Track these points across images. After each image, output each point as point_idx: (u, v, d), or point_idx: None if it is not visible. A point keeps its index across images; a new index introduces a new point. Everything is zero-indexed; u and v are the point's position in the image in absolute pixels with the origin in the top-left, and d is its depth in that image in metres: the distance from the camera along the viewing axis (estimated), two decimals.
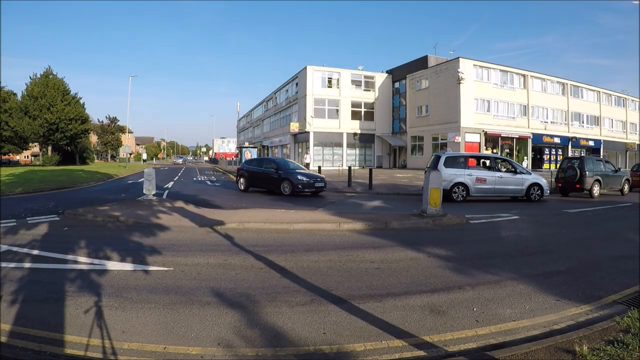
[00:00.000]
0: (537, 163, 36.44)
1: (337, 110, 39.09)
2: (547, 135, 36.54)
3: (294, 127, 39.70)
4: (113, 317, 3.70)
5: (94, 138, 69.04)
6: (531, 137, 35.45)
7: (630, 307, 3.89)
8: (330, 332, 3.44)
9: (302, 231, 7.86)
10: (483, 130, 32.84)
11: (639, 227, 8.71)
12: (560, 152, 37.99)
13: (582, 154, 35.78)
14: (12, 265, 5.30)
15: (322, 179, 14.85)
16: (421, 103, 36.78)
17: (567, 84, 39.14)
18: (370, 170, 17.46)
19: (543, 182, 13.69)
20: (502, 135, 34.18)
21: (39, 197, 13.75)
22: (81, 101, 47.41)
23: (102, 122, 71.15)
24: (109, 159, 78.20)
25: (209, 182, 22.60)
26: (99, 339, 3.26)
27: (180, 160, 77.97)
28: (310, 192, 14.38)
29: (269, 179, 14.99)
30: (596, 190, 15.25)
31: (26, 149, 52.13)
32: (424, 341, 3.30)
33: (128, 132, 57.11)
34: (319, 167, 23.15)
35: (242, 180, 16.07)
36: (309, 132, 37.55)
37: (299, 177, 14.21)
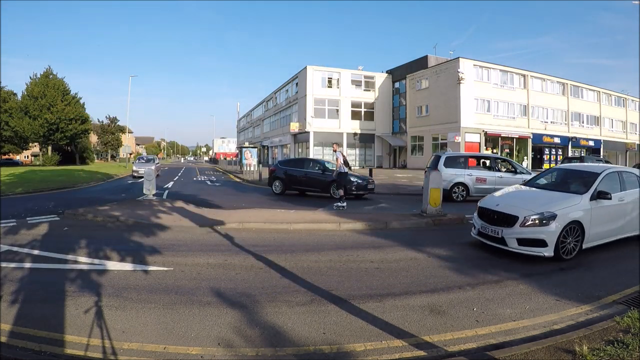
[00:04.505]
0: (537, 163, 36.40)
1: (337, 110, 39.08)
2: (547, 135, 36.53)
3: (294, 127, 39.70)
4: (113, 317, 3.70)
5: (94, 138, 69.01)
6: (531, 137, 35.44)
7: (630, 307, 3.89)
8: (330, 332, 3.45)
9: (302, 231, 7.86)
10: (483, 130, 32.83)
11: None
12: (560, 152, 37.96)
13: (582, 154, 35.85)
14: (13, 265, 5.30)
15: (373, 181, 14.37)
16: (421, 103, 36.77)
17: (567, 84, 39.12)
18: (370, 170, 17.46)
19: None
20: (502, 135, 34.17)
21: (39, 197, 13.74)
22: (81, 101, 47.39)
23: (102, 122, 71.07)
24: (109, 159, 78.17)
25: (209, 182, 22.59)
26: (99, 339, 3.26)
27: (141, 170, 20.30)
28: (363, 193, 13.77)
29: (314, 181, 14.19)
30: None
31: (26, 149, 52.15)
32: (424, 341, 3.31)
33: (128, 132, 56.94)
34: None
35: (277, 182, 15.13)
36: (309, 132, 37.53)
37: (352, 179, 13.45)
